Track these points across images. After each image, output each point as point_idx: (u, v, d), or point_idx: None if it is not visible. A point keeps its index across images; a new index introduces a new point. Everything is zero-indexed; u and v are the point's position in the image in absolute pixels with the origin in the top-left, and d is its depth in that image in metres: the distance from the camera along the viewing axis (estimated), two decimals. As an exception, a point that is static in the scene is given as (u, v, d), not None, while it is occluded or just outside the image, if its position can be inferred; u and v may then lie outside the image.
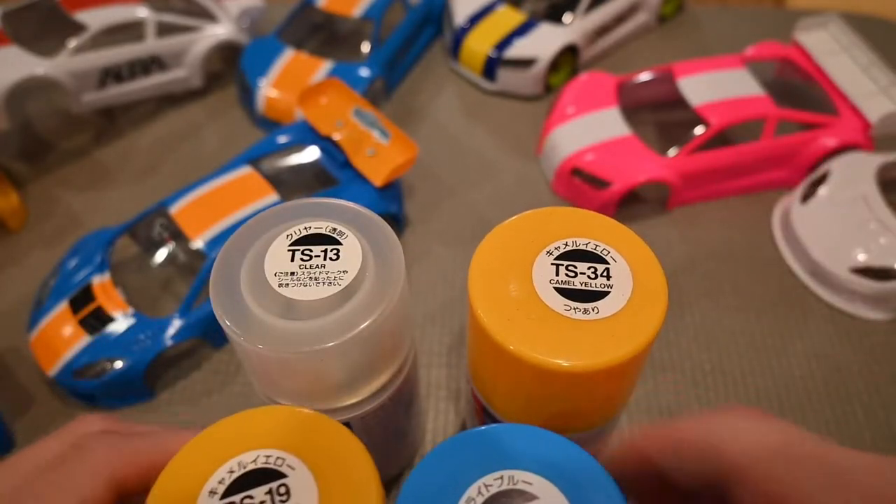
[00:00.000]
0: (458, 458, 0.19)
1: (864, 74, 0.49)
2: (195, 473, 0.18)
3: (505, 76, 0.55)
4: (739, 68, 0.49)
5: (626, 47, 0.62)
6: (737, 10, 0.67)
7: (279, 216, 0.25)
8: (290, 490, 0.18)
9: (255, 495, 0.18)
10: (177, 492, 0.18)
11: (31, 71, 0.46)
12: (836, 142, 0.46)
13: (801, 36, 0.52)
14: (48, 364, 0.37)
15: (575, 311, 0.22)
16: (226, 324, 0.22)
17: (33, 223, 0.47)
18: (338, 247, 0.23)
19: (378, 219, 0.25)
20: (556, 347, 0.21)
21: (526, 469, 0.19)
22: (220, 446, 0.19)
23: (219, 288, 0.23)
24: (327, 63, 0.53)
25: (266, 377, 0.25)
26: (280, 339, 0.22)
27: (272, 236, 0.24)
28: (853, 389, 0.38)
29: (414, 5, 0.58)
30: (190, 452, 0.19)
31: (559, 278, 0.23)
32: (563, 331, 0.21)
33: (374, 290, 0.23)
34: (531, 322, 0.22)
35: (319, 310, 0.22)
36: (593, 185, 0.46)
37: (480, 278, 0.23)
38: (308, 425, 0.20)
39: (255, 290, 0.22)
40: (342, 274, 0.23)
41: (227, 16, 0.56)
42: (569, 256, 0.23)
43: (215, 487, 0.18)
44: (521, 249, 0.24)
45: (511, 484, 0.18)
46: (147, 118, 0.55)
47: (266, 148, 0.44)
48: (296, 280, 0.22)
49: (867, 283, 0.40)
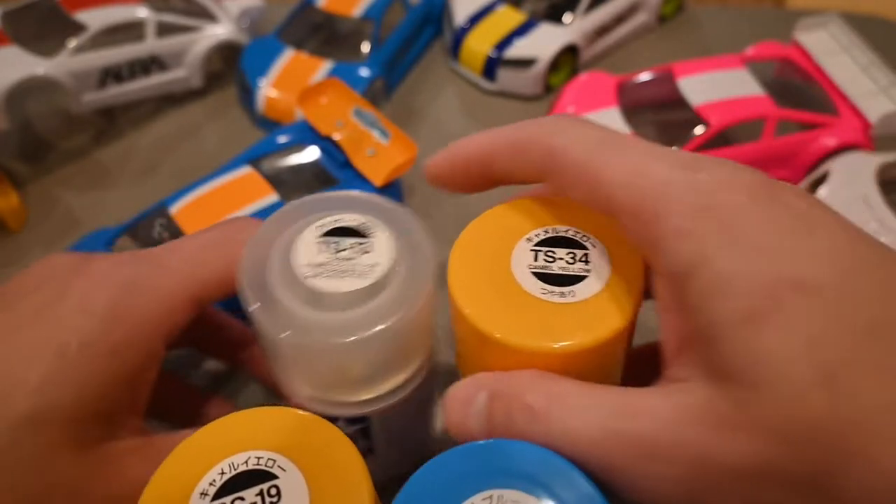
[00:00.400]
0: (444, 478, 0.19)
1: (864, 74, 0.49)
2: (186, 475, 0.18)
3: (505, 76, 0.55)
4: (739, 68, 0.49)
5: (626, 47, 0.62)
6: (737, 10, 0.67)
7: (308, 207, 0.25)
8: (280, 491, 0.18)
9: (246, 496, 0.18)
10: (168, 494, 0.18)
11: (31, 71, 0.46)
12: (836, 142, 0.46)
13: (800, 36, 0.52)
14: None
15: (552, 295, 0.22)
16: (253, 311, 0.22)
17: (33, 223, 0.47)
18: (369, 240, 0.24)
19: (409, 214, 0.25)
20: (533, 331, 0.21)
21: (516, 488, 0.18)
22: (211, 448, 0.19)
23: (247, 276, 0.23)
24: (327, 63, 0.53)
25: (289, 367, 0.25)
26: (307, 328, 0.22)
27: (301, 227, 0.24)
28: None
29: (414, 5, 0.58)
30: (181, 454, 0.19)
31: (537, 263, 0.23)
32: (540, 314, 0.21)
33: (405, 285, 0.23)
34: (508, 308, 0.22)
35: (349, 302, 0.22)
36: (593, 185, 0.46)
37: (460, 269, 0.23)
38: (300, 427, 0.20)
39: (284, 280, 0.23)
40: (373, 267, 0.23)
41: (227, 16, 0.56)
42: (548, 243, 0.23)
43: (206, 489, 0.18)
44: (501, 238, 0.24)
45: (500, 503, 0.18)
46: (147, 118, 0.55)
47: (266, 148, 0.44)
48: (326, 271, 0.22)
49: (867, 283, 0.40)
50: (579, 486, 0.18)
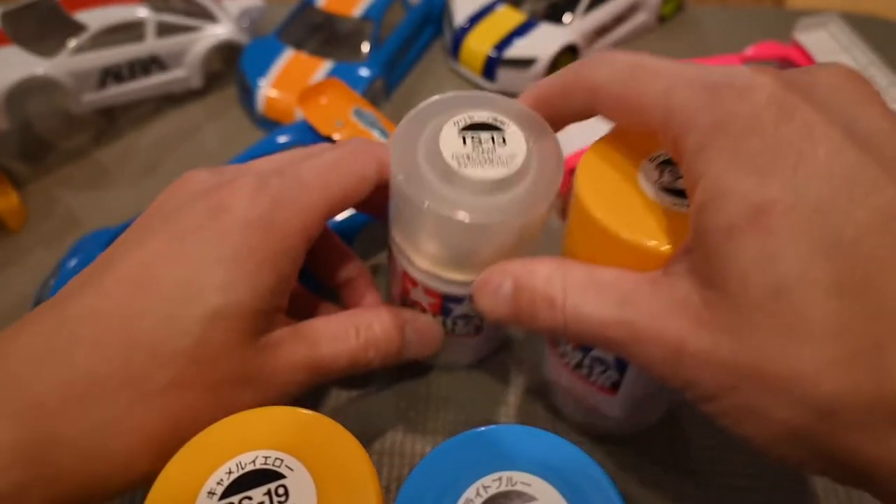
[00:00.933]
0: (457, 459, 0.19)
1: (863, 74, 0.49)
2: (193, 475, 0.18)
3: (505, 76, 0.55)
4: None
5: (626, 47, 0.62)
6: (736, 9, 0.67)
7: (443, 105, 0.28)
8: (288, 490, 0.18)
9: (254, 496, 0.18)
10: (175, 493, 0.18)
11: (31, 71, 0.46)
12: (835, 142, 0.46)
13: (800, 36, 0.52)
14: (48, 364, 0.37)
15: (682, 207, 0.23)
16: (400, 182, 0.26)
17: (33, 223, 0.48)
18: (502, 134, 0.26)
19: (534, 114, 0.27)
20: (666, 236, 0.22)
21: (525, 470, 0.19)
22: (218, 447, 0.19)
23: (399, 158, 0.26)
24: (327, 63, 0.53)
25: (422, 240, 0.28)
26: (449, 204, 0.25)
27: (440, 123, 0.27)
28: (853, 389, 0.38)
29: (414, 5, 0.58)
30: (188, 454, 0.19)
31: (663, 179, 0.24)
32: (672, 222, 0.23)
33: (539, 178, 0.26)
34: (640, 214, 0.23)
35: (491, 188, 0.25)
36: (593, 184, 0.46)
37: (589, 180, 0.24)
38: (307, 426, 0.20)
39: (432, 166, 0.26)
40: (512, 157, 0.26)
41: (227, 16, 0.56)
42: (672, 163, 0.25)
43: (214, 488, 0.18)
44: (626, 157, 0.25)
45: (510, 485, 0.18)
46: (147, 118, 0.55)
47: (266, 148, 0.44)
48: (472, 162, 0.25)
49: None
50: (589, 471, 0.19)
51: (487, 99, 0.28)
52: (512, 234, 0.27)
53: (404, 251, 0.30)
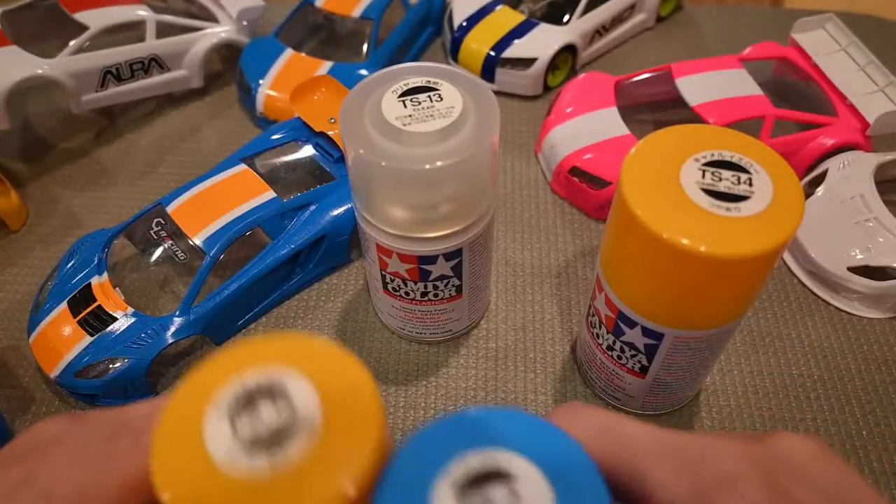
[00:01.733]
0: (446, 437, 0.19)
1: (862, 74, 0.49)
2: (200, 397, 0.19)
3: (504, 76, 0.55)
4: (737, 68, 0.49)
5: (625, 47, 0.62)
6: (735, 9, 0.67)
7: (378, 80, 0.30)
8: (292, 401, 0.18)
9: (261, 409, 0.18)
10: (186, 409, 0.19)
11: (32, 71, 0.46)
12: (833, 141, 0.47)
13: (798, 36, 0.52)
14: (49, 366, 0.37)
15: (719, 209, 0.24)
16: (359, 152, 0.28)
17: (33, 223, 0.48)
18: (438, 92, 0.29)
19: (464, 71, 0.30)
20: (703, 236, 0.23)
21: (510, 450, 0.19)
22: (223, 369, 0.19)
23: (349, 133, 0.28)
24: (327, 63, 0.53)
25: (389, 202, 0.30)
26: (401, 159, 0.28)
27: (380, 94, 0.29)
28: (851, 388, 0.38)
29: (413, 5, 0.58)
30: (193, 380, 0.19)
31: (705, 181, 0.25)
32: (708, 223, 0.24)
33: (479, 121, 0.28)
34: (679, 214, 0.24)
35: (435, 139, 0.28)
36: (592, 184, 0.46)
37: (633, 177, 0.25)
38: (309, 345, 0.20)
39: (379, 130, 0.28)
40: (450, 109, 0.28)
41: (227, 16, 0.56)
42: (715, 164, 0.25)
43: (221, 405, 0.18)
44: (670, 156, 0.26)
45: (493, 463, 0.19)
46: (147, 118, 0.55)
47: (260, 145, 0.44)
48: (414, 120, 0.28)
49: (865, 282, 0.40)
50: (574, 456, 0.19)
51: (418, 68, 0.31)
52: (465, 173, 0.29)
53: (373, 223, 0.32)
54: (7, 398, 0.38)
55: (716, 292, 0.26)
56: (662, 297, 0.27)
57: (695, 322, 0.28)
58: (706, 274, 0.24)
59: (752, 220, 0.24)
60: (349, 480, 0.17)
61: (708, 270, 0.24)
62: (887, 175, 0.45)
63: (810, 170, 0.47)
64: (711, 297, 0.26)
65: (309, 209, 0.41)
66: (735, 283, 0.26)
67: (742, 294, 0.27)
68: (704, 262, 0.24)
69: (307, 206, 0.41)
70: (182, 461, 0.18)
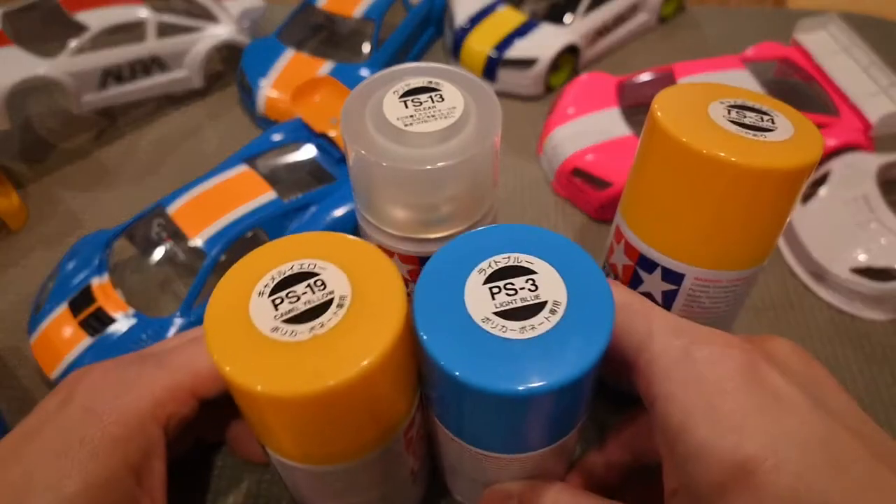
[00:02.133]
0: (474, 244, 0.23)
1: (864, 74, 0.49)
2: (245, 282, 0.21)
3: (505, 76, 0.55)
4: (739, 69, 0.49)
5: (627, 47, 0.62)
6: (737, 10, 0.67)
7: (379, 81, 0.30)
8: (325, 283, 0.21)
9: (297, 289, 0.21)
10: (231, 297, 0.21)
11: (32, 71, 0.46)
12: (836, 142, 0.46)
13: (801, 36, 0.52)
14: (50, 367, 0.37)
15: (748, 134, 0.26)
16: (360, 152, 0.28)
17: (33, 223, 0.48)
18: (440, 92, 0.29)
19: (469, 73, 0.30)
20: (736, 152, 0.24)
21: (529, 253, 0.23)
22: (263, 262, 0.22)
23: (350, 133, 0.28)
24: (327, 63, 0.53)
25: (388, 203, 0.30)
26: (402, 160, 0.28)
27: (381, 94, 0.29)
28: (853, 389, 0.38)
29: (414, 6, 0.58)
30: (235, 273, 0.22)
31: (731, 116, 0.26)
32: (739, 144, 0.25)
33: (480, 122, 0.29)
34: (712, 135, 0.25)
35: (437, 139, 0.28)
36: (594, 184, 0.46)
37: (665, 108, 0.27)
38: (338, 241, 0.23)
39: (380, 131, 0.28)
40: (452, 109, 0.28)
41: (228, 16, 0.56)
42: (738, 107, 0.27)
43: (262, 290, 0.21)
44: (696, 98, 0.28)
45: (516, 262, 0.22)
46: (147, 118, 0.55)
47: (261, 146, 0.44)
48: (415, 120, 0.28)
49: (867, 283, 0.40)
50: (583, 260, 0.22)
51: (420, 68, 0.31)
52: (466, 174, 0.29)
53: (374, 223, 0.32)
54: (7, 398, 0.38)
55: (742, 217, 0.27)
56: (688, 225, 0.28)
57: (716, 259, 0.28)
58: (736, 190, 0.25)
59: (779, 144, 0.25)
60: (379, 340, 0.20)
61: (739, 185, 0.25)
62: (890, 176, 0.45)
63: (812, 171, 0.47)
64: (737, 224, 0.27)
65: (309, 210, 0.41)
66: (762, 206, 0.26)
67: (766, 224, 0.28)
68: (738, 175, 0.24)
69: (308, 206, 0.41)
70: (233, 337, 0.20)
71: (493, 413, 0.22)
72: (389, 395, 0.22)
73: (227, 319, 0.20)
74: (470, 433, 0.24)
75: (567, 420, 0.24)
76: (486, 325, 0.21)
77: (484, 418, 0.22)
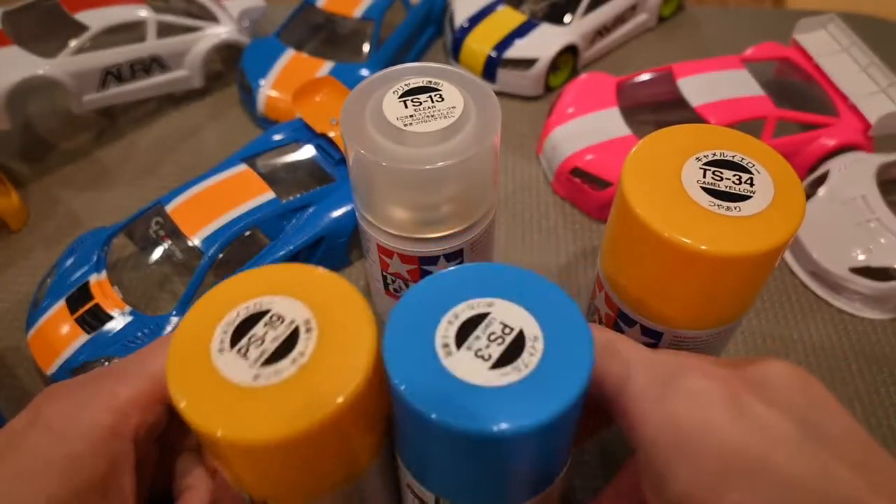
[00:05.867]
0: (448, 285, 0.22)
1: (863, 74, 0.49)
2: (198, 344, 0.21)
3: (505, 76, 0.55)
4: (739, 69, 0.49)
5: (626, 48, 0.62)
6: (736, 10, 0.67)
7: (379, 81, 0.30)
8: (281, 315, 0.21)
9: (257, 331, 0.20)
10: (192, 364, 0.20)
11: (33, 71, 0.46)
12: (835, 142, 0.46)
13: (800, 36, 0.52)
14: (46, 363, 0.37)
15: (719, 208, 0.24)
16: (360, 152, 0.28)
17: (34, 223, 0.48)
18: (439, 92, 0.29)
19: (469, 73, 0.30)
20: (703, 235, 0.23)
21: (503, 297, 0.21)
22: (205, 319, 0.21)
23: (350, 133, 0.28)
24: (327, 63, 0.53)
25: (390, 204, 0.30)
26: (402, 160, 0.28)
27: (381, 94, 0.29)
28: (853, 389, 0.38)
29: (414, 6, 0.58)
30: (182, 337, 0.21)
31: (706, 180, 0.25)
32: (709, 222, 0.24)
33: (480, 122, 0.29)
34: (679, 213, 0.24)
35: (437, 138, 0.28)
36: (593, 184, 0.46)
37: (634, 176, 0.25)
38: (289, 271, 0.22)
39: (380, 131, 0.28)
40: (451, 109, 0.28)
41: (228, 16, 0.56)
42: (716, 164, 0.26)
43: (221, 347, 0.20)
44: (672, 155, 0.26)
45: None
46: (147, 118, 0.55)
47: (261, 146, 0.44)
48: (415, 120, 0.28)
49: (867, 283, 0.40)
50: (557, 297, 0.21)
51: (419, 68, 0.31)
52: (466, 173, 0.29)
53: (374, 223, 0.32)
54: (7, 398, 0.38)
55: (715, 291, 0.26)
56: (661, 296, 0.27)
57: (693, 322, 0.28)
58: (706, 272, 0.24)
59: (753, 219, 0.24)
60: (349, 376, 0.19)
61: (708, 269, 0.24)
62: (889, 176, 0.45)
63: (812, 170, 0.47)
64: (710, 297, 0.26)
65: (308, 210, 0.41)
66: (734, 282, 0.26)
67: (741, 294, 0.27)
68: (704, 261, 0.24)
69: (306, 207, 0.41)
70: (193, 376, 0.20)
71: (466, 457, 0.21)
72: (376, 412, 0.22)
73: (197, 386, 0.20)
74: (439, 482, 0.23)
75: (544, 471, 0.23)
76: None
77: (458, 464, 0.21)
